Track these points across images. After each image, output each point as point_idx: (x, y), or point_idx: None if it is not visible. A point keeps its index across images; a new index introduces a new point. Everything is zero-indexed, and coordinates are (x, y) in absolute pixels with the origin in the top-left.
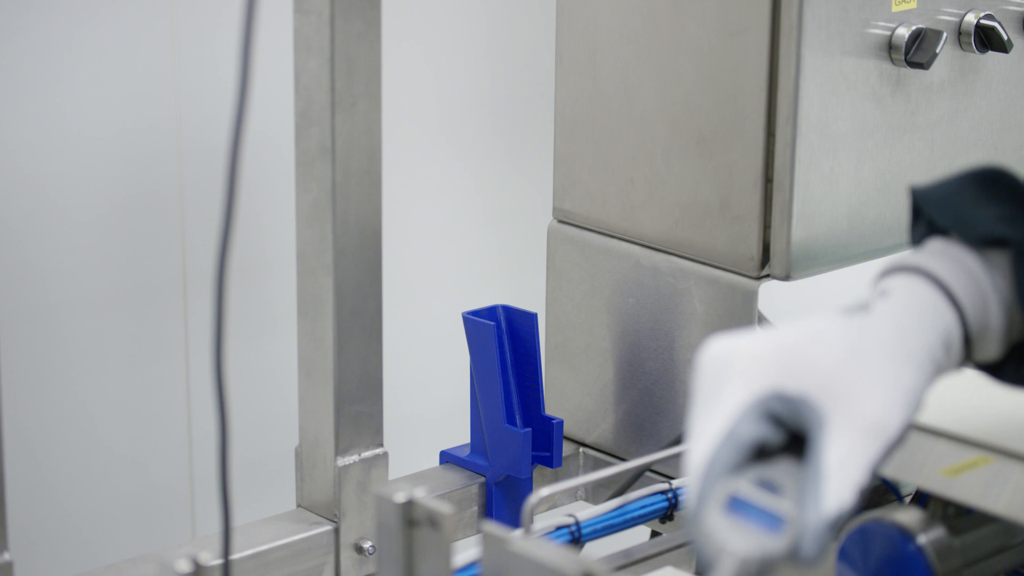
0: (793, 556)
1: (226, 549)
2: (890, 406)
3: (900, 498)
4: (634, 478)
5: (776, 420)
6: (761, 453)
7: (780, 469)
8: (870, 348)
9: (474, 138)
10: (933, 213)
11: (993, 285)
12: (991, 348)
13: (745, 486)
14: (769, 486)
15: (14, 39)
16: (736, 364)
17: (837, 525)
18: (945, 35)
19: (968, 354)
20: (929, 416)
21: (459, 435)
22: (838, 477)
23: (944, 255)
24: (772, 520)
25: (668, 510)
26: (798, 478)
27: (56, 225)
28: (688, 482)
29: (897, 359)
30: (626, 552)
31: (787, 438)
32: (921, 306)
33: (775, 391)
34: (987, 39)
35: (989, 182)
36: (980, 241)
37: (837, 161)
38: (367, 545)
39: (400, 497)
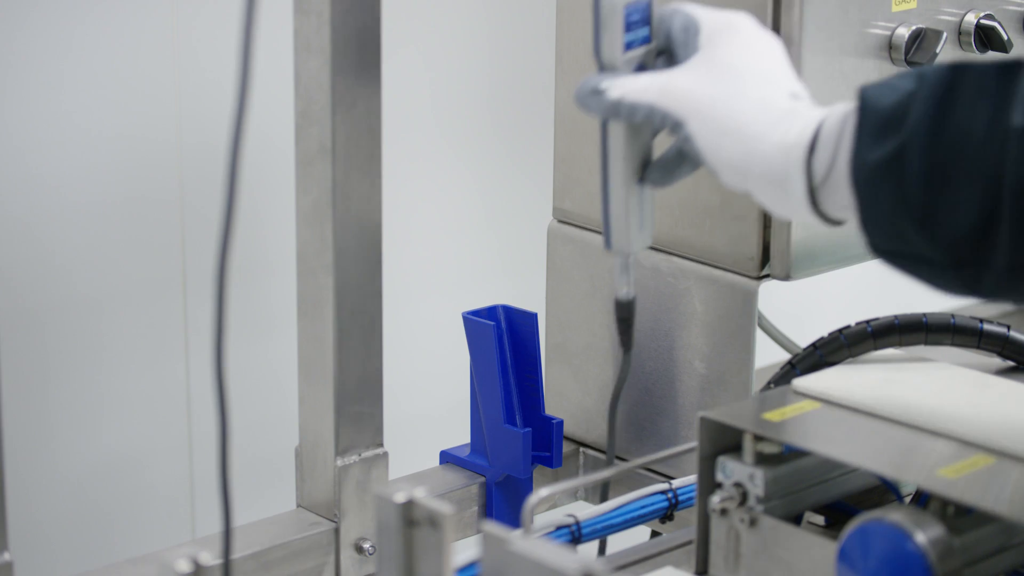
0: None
1: (226, 549)
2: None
3: (900, 498)
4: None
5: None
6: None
7: None
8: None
9: (474, 138)
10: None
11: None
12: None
13: None
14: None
15: (14, 39)
16: None
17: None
18: (945, 35)
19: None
20: (929, 416)
21: (459, 435)
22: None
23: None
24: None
25: (668, 510)
26: None
27: (56, 225)
28: None
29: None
30: (626, 552)
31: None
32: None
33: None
34: (987, 39)
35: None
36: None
37: None
38: (367, 545)
39: (400, 497)
